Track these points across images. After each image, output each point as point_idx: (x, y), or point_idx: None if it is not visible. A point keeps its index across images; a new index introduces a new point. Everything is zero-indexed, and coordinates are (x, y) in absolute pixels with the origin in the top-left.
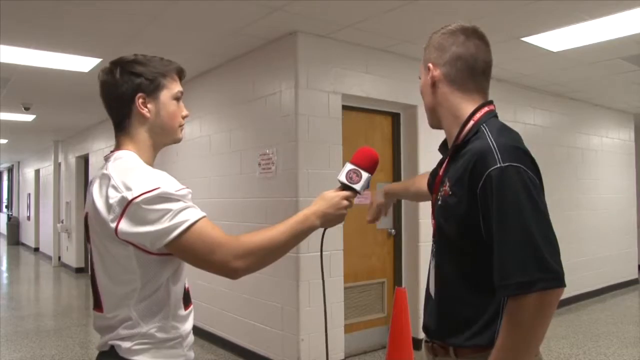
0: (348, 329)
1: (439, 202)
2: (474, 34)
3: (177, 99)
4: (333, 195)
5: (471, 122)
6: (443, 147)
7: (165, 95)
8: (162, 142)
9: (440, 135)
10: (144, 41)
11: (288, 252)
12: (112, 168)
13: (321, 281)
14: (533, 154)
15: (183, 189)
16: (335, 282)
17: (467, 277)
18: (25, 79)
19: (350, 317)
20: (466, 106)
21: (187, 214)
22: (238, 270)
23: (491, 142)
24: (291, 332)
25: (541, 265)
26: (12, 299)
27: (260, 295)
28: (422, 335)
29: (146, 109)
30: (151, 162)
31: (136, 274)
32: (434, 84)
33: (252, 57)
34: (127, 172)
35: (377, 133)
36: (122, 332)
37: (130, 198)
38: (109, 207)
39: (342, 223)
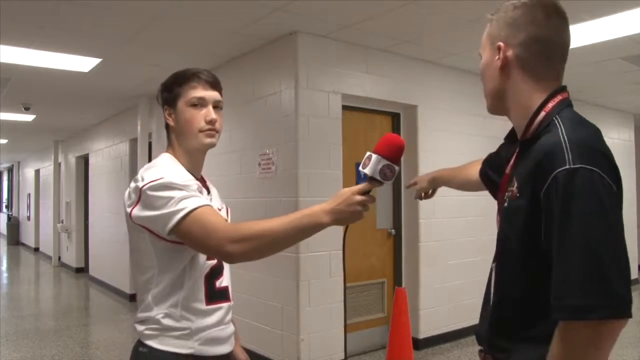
0: (348, 328)
1: (505, 204)
2: (554, 12)
3: (193, 105)
4: (345, 191)
5: (542, 113)
6: (511, 136)
7: (180, 103)
8: (190, 146)
9: (439, 135)
10: (144, 41)
11: (292, 246)
12: (144, 166)
13: (321, 281)
14: None
15: (188, 181)
16: (335, 282)
17: (525, 290)
18: (25, 79)
19: (350, 317)
20: (538, 95)
21: (188, 202)
22: (232, 254)
23: (563, 137)
24: (291, 332)
25: (605, 289)
26: (12, 299)
27: (260, 295)
28: (422, 335)
29: (170, 119)
30: (191, 166)
31: (154, 260)
32: (504, 67)
33: (252, 57)
34: (149, 167)
35: (377, 133)
36: (140, 314)
37: (140, 186)
38: (128, 195)
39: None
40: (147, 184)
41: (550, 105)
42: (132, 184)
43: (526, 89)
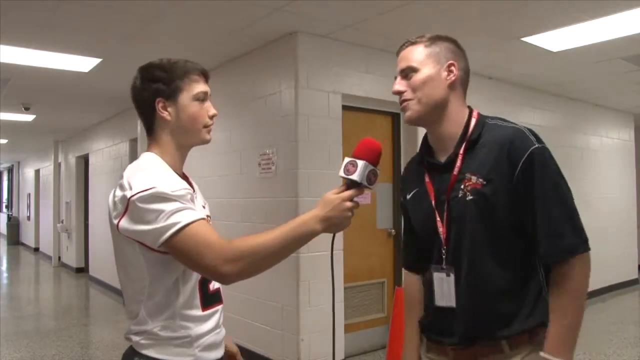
0: (348, 329)
1: (469, 197)
2: None
3: (199, 99)
4: (334, 198)
5: (474, 120)
6: (428, 155)
7: (184, 97)
8: (188, 143)
9: None
10: (144, 41)
11: (287, 257)
12: (128, 168)
13: (321, 281)
14: None
15: (181, 189)
16: (335, 282)
17: (508, 264)
18: (25, 79)
19: (350, 317)
20: (464, 108)
21: (180, 216)
22: (226, 275)
23: (519, 127)
24: (291, 332)
25: (583, 230)
26: (12, 299)
27: (260, 295)
28: None
29: (166, 112)
30: (177, 164)
31: (144, 271)
32: (454, 82)
33: (252, 57)
34: (136, 172)
35: (377, 133)
36: (133, 327)
37: (129, 196)
38: (114, 204)
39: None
40: (137, 194)
41: (475, 114)
42: (119, 192)
43: (460, 103)
